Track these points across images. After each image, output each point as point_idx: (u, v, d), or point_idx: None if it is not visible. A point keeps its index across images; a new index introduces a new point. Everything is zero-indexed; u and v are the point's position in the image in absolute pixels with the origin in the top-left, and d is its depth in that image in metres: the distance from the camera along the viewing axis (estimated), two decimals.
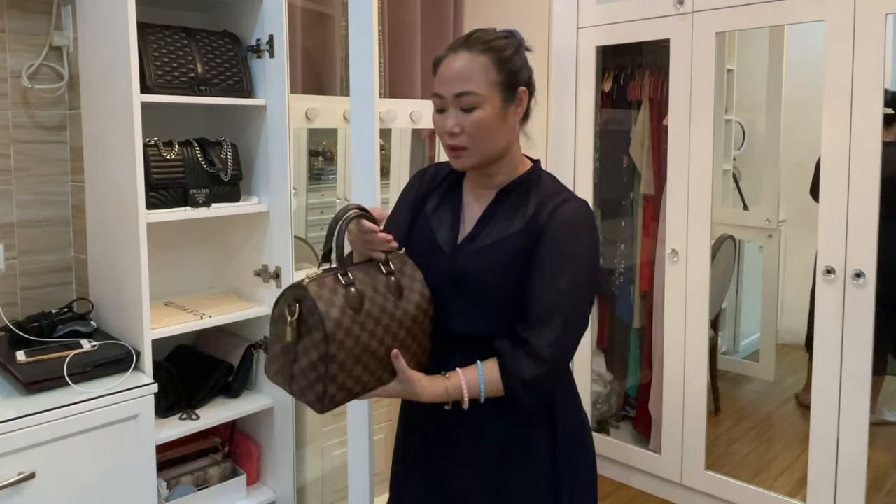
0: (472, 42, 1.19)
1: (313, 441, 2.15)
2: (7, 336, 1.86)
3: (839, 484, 2.13)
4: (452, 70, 1.18)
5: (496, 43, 1.19)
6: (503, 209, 1.23)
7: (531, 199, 1.22)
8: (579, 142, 2.72)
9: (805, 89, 2.89)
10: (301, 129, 2.45)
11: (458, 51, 1.19)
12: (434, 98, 1.21)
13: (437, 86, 1.20)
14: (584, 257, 1.19)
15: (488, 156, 1.21)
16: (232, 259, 2.21)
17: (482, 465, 1.24)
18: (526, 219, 1.20)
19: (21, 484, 1.53)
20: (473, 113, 1.17)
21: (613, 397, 3.00)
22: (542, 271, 1.16)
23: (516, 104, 1.21)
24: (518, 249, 1.18)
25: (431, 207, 1.32)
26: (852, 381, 2.09)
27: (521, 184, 1.25)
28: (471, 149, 1.19)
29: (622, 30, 2.58)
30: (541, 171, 1.28)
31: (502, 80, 1.18)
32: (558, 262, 1.16)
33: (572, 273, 1.16)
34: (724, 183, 3.23)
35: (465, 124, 1.17)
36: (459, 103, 1.17)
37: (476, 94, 1.16)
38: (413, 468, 1.34)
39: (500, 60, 1.18)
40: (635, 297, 2.92)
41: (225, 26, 2.08)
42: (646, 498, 2.65)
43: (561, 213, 1.18)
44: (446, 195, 1.32)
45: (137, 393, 1.71)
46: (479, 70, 1.16)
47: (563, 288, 1.15)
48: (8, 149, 1.99)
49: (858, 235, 2.05)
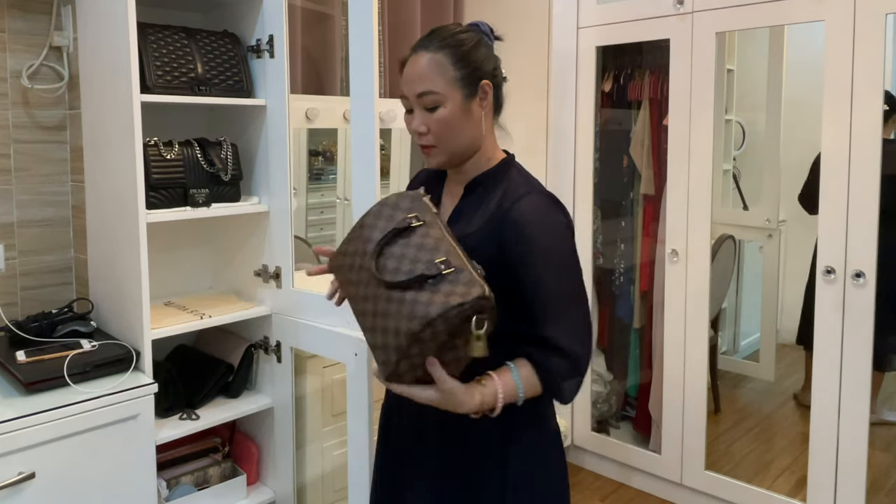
0: (431, 40, 1.20)
1: (313, 441, 2.15)
2: (7, 336, 1.85)
3: (839, 484, 2.13)
4: (413, 70, 1.19)
5: (454, 38, 1.19)
6: (470, 204, 1.23)
7: (496, 194, 1.20)
8: (579, 142, 2.72)
9: (805, 89, 2.89)
10: (301, 129, 2.45)
11: (417, 50, 1.20)
12: (401, 99, 1.23)
13: (402, 86, 1.22)
14: (555, 249, 1.16)
15: (457, 152, 1.21)
16: (232, 259, 2.21)
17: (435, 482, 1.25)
18: (487, 215, 1.19)
19: (21, 484, 1.52)
20: (437, 112, 1.18)
21: (613, 397, 3.00)
22: (524, 272, 1.14)
23: (480, 97, 1.20)
24: (480, 245, 1.16)
25: None
26: (852, 381, 2.09)
27: (487, 178, 1.24)
28: (438, 146, 1.20)
29: (622, 30, 2.58)
30: (510, 165, 1.26)
31: (462, 76, 1.18)
32: (534, 261, 1.14)
33: (555, 269, 1.15)
34: (724, 183, 3.23)
35: (430, 123, 1.19)
36: (422, 103, 1.19)
37: (436, 93, 1.17)
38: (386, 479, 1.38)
39: (458, 56, 1.18)
40: (635, 297, 2.92)
41: (225, 26, 2.08)
42: (646, 498, 2.65)
43: (518, 211, 1.15)
44: (430, 193, 1.32)
45: (137, 393, 1.71)
46: (436, 68, 1.17)
47: (552, 284, 1.14)
48: (8, 149, 1.99)
49: (858, 235, 2.05)
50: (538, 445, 1.25)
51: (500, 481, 1.21)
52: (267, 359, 2.10)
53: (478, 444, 1.21)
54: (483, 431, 1.19)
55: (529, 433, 1.23)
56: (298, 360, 2.07)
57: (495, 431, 1.20)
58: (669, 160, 2.49)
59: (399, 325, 1.06)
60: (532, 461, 1.23)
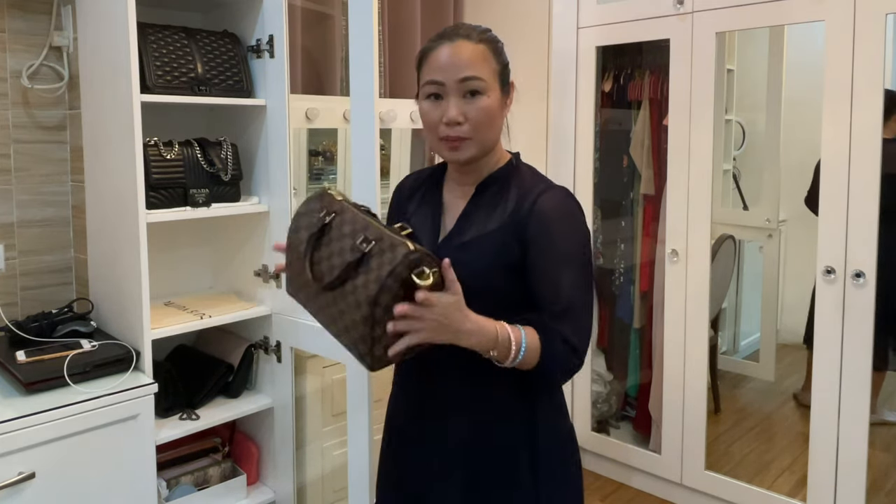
0: (470, 31, 1.18)
1: (313, 441, 2.15)
2: (7, 336, 1.85)
3: (839, 484, 2.13)
4: (457, 55, 1.14)
5: (489, 35, 1.20)
6: (483, 203, 1.21)
7: (511, 193, 1.19)
8: (579, 142, 2.72)
9: (805, 89, 2.89)
10: (301, 129, 2.45)
11: (453, 39, 1.16)
12: (428, 86, 1.17)
13: (434, 72, 1.16)
14: (577, 244, 1.17)
15: (486, 146, 1.19)
16: (232, 259, 2.21)
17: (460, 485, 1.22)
18: (507, 213, 1.17)
19: (21, 484, 1.52)
20: (479, 99, 1.14)
21: (613, 397, 3.00)
22: (543, 267, 1.14)
23: (509, 95, 1.22)
24: (500, 244, 1.16)
25: (412, 209, 1.31)
26: (852, 382, 2.09)
27: (499, 177, 1.22)
28: (473, 138, 1.16)
29: (622, 30, 2.58)
30: (519, 164, 1.26)
31: (500, 71, 1.18)
32: (555, 255, 1.14)
33: (573, 262, 1.15)
34: (724, 183, 3.23)
35: (469, 112, 1.14)
36: (465, 87, 1.14)
37: (482, 80, 1.14)
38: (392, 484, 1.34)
39: (497, 51, 1.19)
40: (635, 297, 2.92)
41: (225, 26, 2.08)
42: (646, 498, 2.65)
43: (543, 205, 1.15)
44: (425, 198, 1.30)
45: (137, 393, 1.71)
46: (482, 57, 1.15)
47: (569, 280, 1.14)
48: (8, 149, 1.99)
49: (858, 235, 2.05)
50: (562, 442, 1.26)
51: (530, 479, 1.21)
52: (267, 359, 2.10)
53: (505, 440, 1.21)
54: (509, 430, 1.20)
55: (554, 429, 1.24)
56: (298, 360, 2.07)
57: (521, 429, 1.21)
58: (669, 160, 2.49)
59: (354, 318, 1.07)
60: (557, 457, 1.24)
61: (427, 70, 1.18)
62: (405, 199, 1.34)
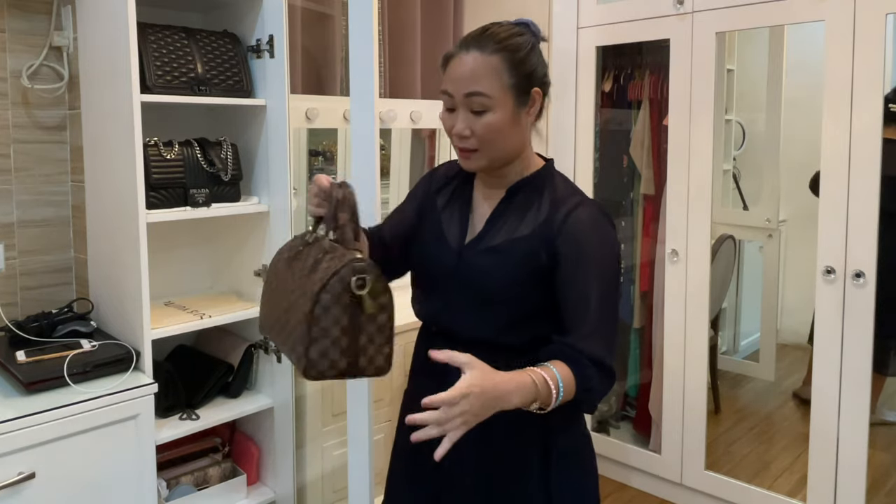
0: (485, 40, 1.12)
1: (313, 441, 2.15)
2: (7, 336, 1.86)
3: (839, 484, 2.13)
4: (464, 69, 1.11)
5: (511, 42, 1.13)
6: (512, 209, 1.19)
7: (543, 201, 1.17)
8: (579, 142, 2.72)
9: (805, 89, 2.89)
10: (301, 129, 2.45)
11: (469, 49, 1.12)
12: (443, 95, 1.15)
13: (446, 83, 1.14)
14: (610, 263, 1.15)
15: (499, 158, 1.17)
16: (232, 259, 2.21)
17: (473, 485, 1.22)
18: (538, 222, 1.15)
19: (21, 484, 1.53)
20: (484, 116, 1.11)
21: (613, 397, 3.00)
22: (573, 284, 1.12)
23: (529, 105, 1.16)
24: (528, 252, 1.14)
25: (441, 204, 1.28)
26: (852, 382, 2.09)
27: (530, 183, 1.20)
28: (481, 151, 1.14)
29: (622, 30, 2.57)
30: (553, 171, 1.23)
31: (516, 83, 1.12)
32: (587, 273, 1.12)
33: (604, 281, 1.13)
34: (724, 183, 3.23)
35: (475, 127, 1.12)
36: (469, 104, 1.11)
37: (487, 97, 1.10)
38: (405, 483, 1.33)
39: (514, 62, 1.12)
40: (635, 297, 2.92)
41: (225, 26, 2.08)
42: (646, 498, 2.65)
43: (577, 220, 1.13)
44: (456, 192, 1.28)
45: (137, 393, 1.71)
46: (490, 72, 1.10)
47: (598, 297, 1.11)
48: (8, 149, 1.99)
49: (858, 235, 2.05)
50: (578, 445, 1.24)
51: (544, 483, 1.19)
52: (267, 359, 2.10)
53: (521, 444, 1.19)
54: (526, 435, 1.18)
55: (567, 430, 1.22)
56: None
57: (537, 434, 1.18)
58: (669, 160, 2.49)
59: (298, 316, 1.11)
60: (572, 460, 1.22)
61: (444, 78, 1.16)
62: (434, 191, 1.32)
